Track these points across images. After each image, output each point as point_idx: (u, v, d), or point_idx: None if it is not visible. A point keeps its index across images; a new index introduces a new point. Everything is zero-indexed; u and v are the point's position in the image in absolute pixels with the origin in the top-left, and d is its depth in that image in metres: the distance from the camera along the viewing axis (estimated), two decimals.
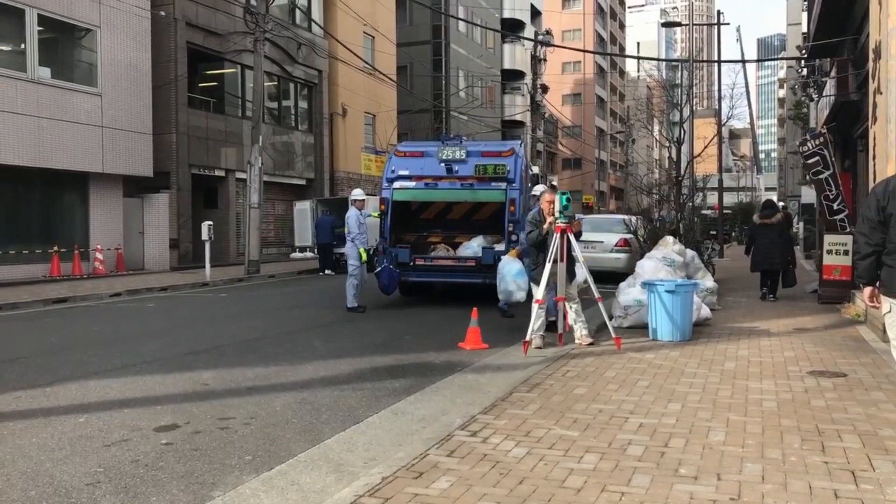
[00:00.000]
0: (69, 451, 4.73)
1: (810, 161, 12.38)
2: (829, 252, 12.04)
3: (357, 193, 12.57)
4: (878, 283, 4.66)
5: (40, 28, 17.96)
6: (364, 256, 11.77)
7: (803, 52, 24.09)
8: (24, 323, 11.14)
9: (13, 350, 8.62)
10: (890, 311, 4.62)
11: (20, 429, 5.24)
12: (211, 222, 19.12)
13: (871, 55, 9.29)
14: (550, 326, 8.28)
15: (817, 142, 12.31)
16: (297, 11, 28.63)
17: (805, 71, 26.14)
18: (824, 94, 17.92)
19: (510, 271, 9.29)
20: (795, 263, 14.15)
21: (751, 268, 13.29)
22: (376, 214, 12.72)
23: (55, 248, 18.20)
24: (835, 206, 12.14)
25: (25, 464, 4.50)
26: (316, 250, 21.09)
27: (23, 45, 17.69)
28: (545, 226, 7.99)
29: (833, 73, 15.51)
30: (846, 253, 11.69)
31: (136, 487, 4.09)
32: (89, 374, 7.10)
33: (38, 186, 18.64)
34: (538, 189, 10.78)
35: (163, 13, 21.54)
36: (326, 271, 20.42)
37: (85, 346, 8.74)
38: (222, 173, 24.80)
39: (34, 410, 5.76)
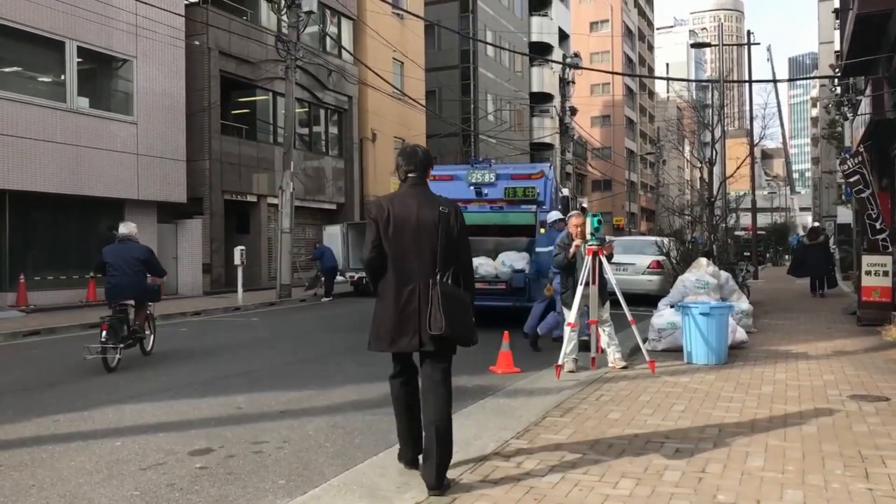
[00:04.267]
0: (106, 475, 4.78)
1: (852, 180, 12.21)
2: (868, 273, 11.80)
3: None
4: None
5: (79, 59, 18.47)
6: None
7: (836, 70, 23.80)
8: (63, 347, 11.32)
9: (52, 374, 8.77)
10: None
11: (59, 452, 5.31)
12: (243, 247, 19.33)
13: None
14: (583, 346, 8.20)
15: (856, 160, 12.14)
16: (328, 39, 29.08)
17: (839, 89, 25.82)
18: (859, 112, 17.67)
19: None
20: (835, 270, 20.54)
21: (802, 275, 19.60)
22: None
23: (91, 274, 18.50)
24: (877, 226, 11.93)
25: (64, 487, 4.55)
26: (319, 275, 21.04)
27: (63, 76, 18.19)
28: (572, 249, 7.95)
29: (868, 92, 15.29)
30: (885, 274, 11.45)
31: None
32: (125, 398, 7.19)
33: (75, 213, 19.04)
34: (552, 216, 10.74)
35: (197, 42, 22.02)
36: (324, 299, 20.24)
37: (119, 371, 8.84)
38: (254, 199, 25.13)
39: (72, 434, 5.84)
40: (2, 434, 5.89)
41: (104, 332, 8.77)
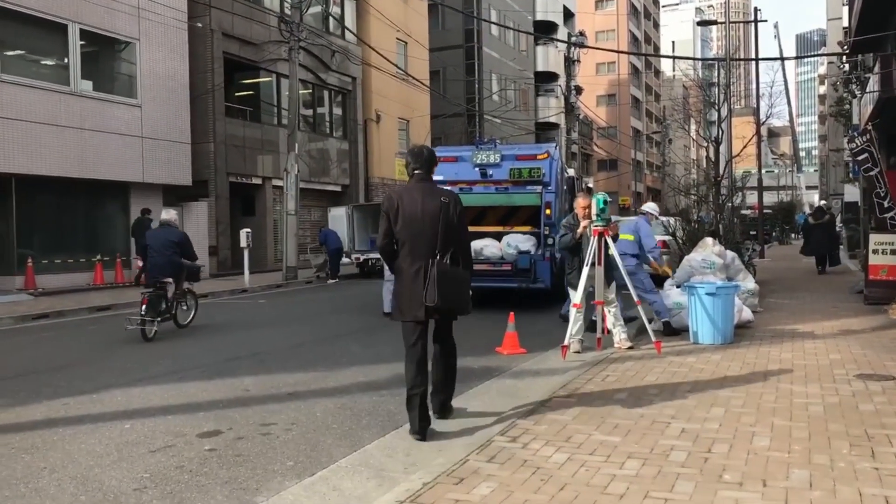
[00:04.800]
0: (116, 457, 4.82)
1: (860, 158, 12.14)
2: (875, 252, 11.76)
3: None
4: None
5: (82, 42, 18.40)
6: None
7: (845, 47, 23.56)
8: (71, 330, 11.40)
9: (61, 357, 8.83)
10: None
11: (70, 435, 5.37)
12: (249, 230, 19.34)
13: None
14: (591, 326, 8.21)
15: (864, 138, 12.06)
16: (331, 19, 28.89)
17: (847, 67, 25.59)
18: (867, 90, 17.52)
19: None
20: (839, 249, 21.41)
21: (808, 253, 20.15)
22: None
23: (98, 257, 18.60)
24: (885, 204, 11.86)
25: (75, 469, 4.60)
26: (328, 260, 21.05)
27: (66, 59, 18.13)
28: (579, 230, 7.94)
29: (877, 69, 15.14)
30: (893, 252, 11.41)
31: (182, 493, 4.16)
32: (133, 380, 7.24)
33: (81, 197, 19.07)
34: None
35: (199, 24, 21.89)
36: (330, 281, 20.24)
37: (128, 354, 8.91)
38: (259, 181, 25.11)
39: (82, 417, 5.89)
40: (13, 417, 5.95)
41: (144, 306, 9.87)
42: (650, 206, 10.58)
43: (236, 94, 25.06)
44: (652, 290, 9.13)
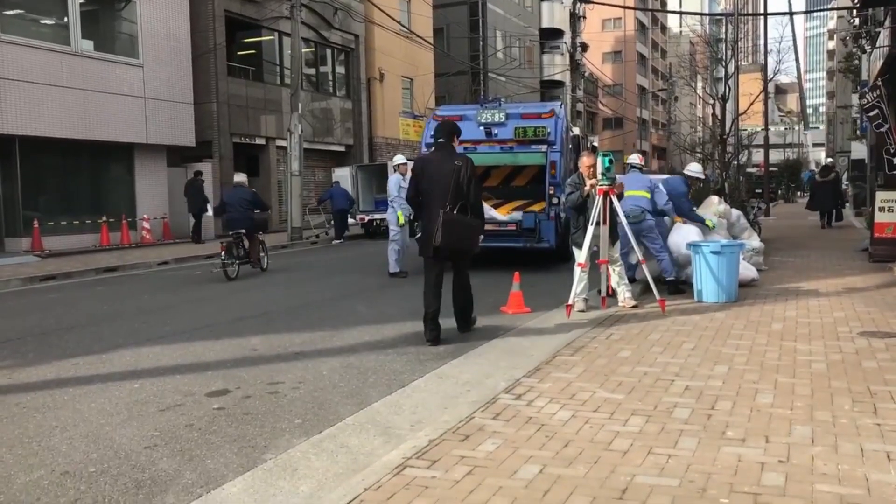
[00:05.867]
0: (126, 416, 4.90)
1: (871, 114, 12.01)
2: (882, 209, 11.69)
3: (398, 159, 12.59)
4: None
5: (81, 1, 18.17)
6: (402, 219, 11.79)
7: (855, 1, 23.13)
8: (78, 291, 11.48)
9: (69, 318, 8.91)
10: None
11: (80, 394, 5.44)
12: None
13: None
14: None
15: (874, 94, 11.91)
16: None
17: (857, 21, 25.13)
18: (877, 45, 17.24)
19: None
20: (844, 206, 23.24)
21: (813, 208, 21.12)
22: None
23: (104, 219, 18.65)
24: (895, 161, 11.77)
25: (86, 427, 4.68)
26: (332, 220, 21.19)
27: (66, 19, 17.94)
28: (586, 188, 7.90)
29: (887, 23, 14.89)
30: None
31: (192, 451, 4.23)
32: (142, 340, 7.31)
33: (85, 158, 19.04)
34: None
35: None
36: (335, 241, 20.35)
37: (136, 314, 8.98)
38: (263, 141, 25.00)
39: (91, 377, 5.96)
40: (24, 377, 6.03)
41: (223, 253, 11.94)
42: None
43: (238, 53, 24.80)
44: (663, 248, 9.11)
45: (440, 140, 6.86)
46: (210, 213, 19.36)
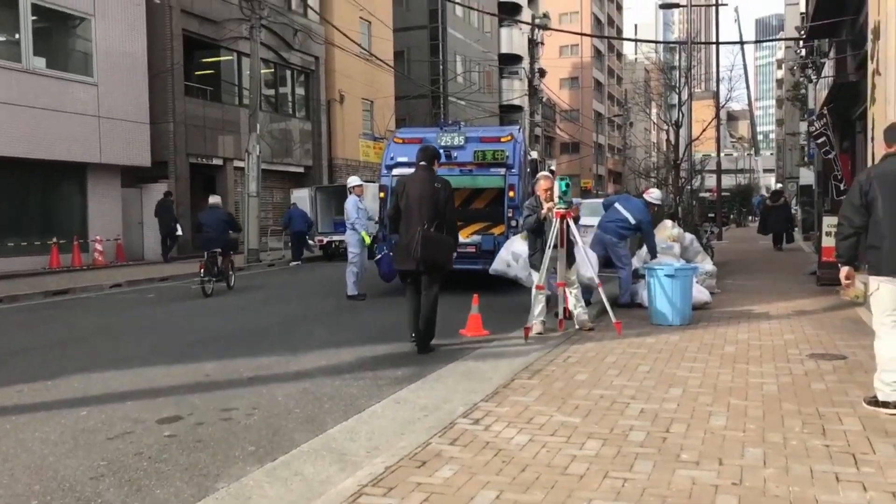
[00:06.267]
0: (72, 445, 4.74)
1: (819, 141, 12.41)
2: (829, 234, 12.00)
3: (353, 181, 12.58)
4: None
5: (34, 17, 17.85)
6: (367, 239, 11.85)
7: (802, 32, 23.95)
8: (25, 315, 11.15)
9: (14, 343, 8.63)
10: (878, 290, 4.85)
11: (23, 423, 5.26)
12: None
13: (870, 36, 9.24)
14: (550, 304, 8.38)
15: (821, 122, 12.31)
16: None
17: (804, 52, 26.01)
18: (823, 75, 17.84)
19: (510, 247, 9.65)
20: (794, 229, 24.86)
21: (764, 232, 22.73)
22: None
23: (54, 240, 18.17)
24: (841, 187, 12.14)
25: (29, 458, 4.51)
26: (289, 241, 21.18)
27: (17, 35, 17.58)
28: (543, 212, 7.97)
29: (832, 55, 15.43)
30: None
31: (140, 480, 4.11)
32: (91, 366, 7.11)
33: (36, 178, 18.58)
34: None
35: (157, 0, 21.38)
36: (292, 263, 20.18)
37: (86, 338, 8.75)
38: (220, 162, 24.73)
39: (36, 404, 5.77)
40: None
41: (202, 270, 12.51)
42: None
43: (196, 73, 24.58)
44: (627, 264, 9.56)
45: (422, 163, 7.38)
46: (180, 232, 20.11)
